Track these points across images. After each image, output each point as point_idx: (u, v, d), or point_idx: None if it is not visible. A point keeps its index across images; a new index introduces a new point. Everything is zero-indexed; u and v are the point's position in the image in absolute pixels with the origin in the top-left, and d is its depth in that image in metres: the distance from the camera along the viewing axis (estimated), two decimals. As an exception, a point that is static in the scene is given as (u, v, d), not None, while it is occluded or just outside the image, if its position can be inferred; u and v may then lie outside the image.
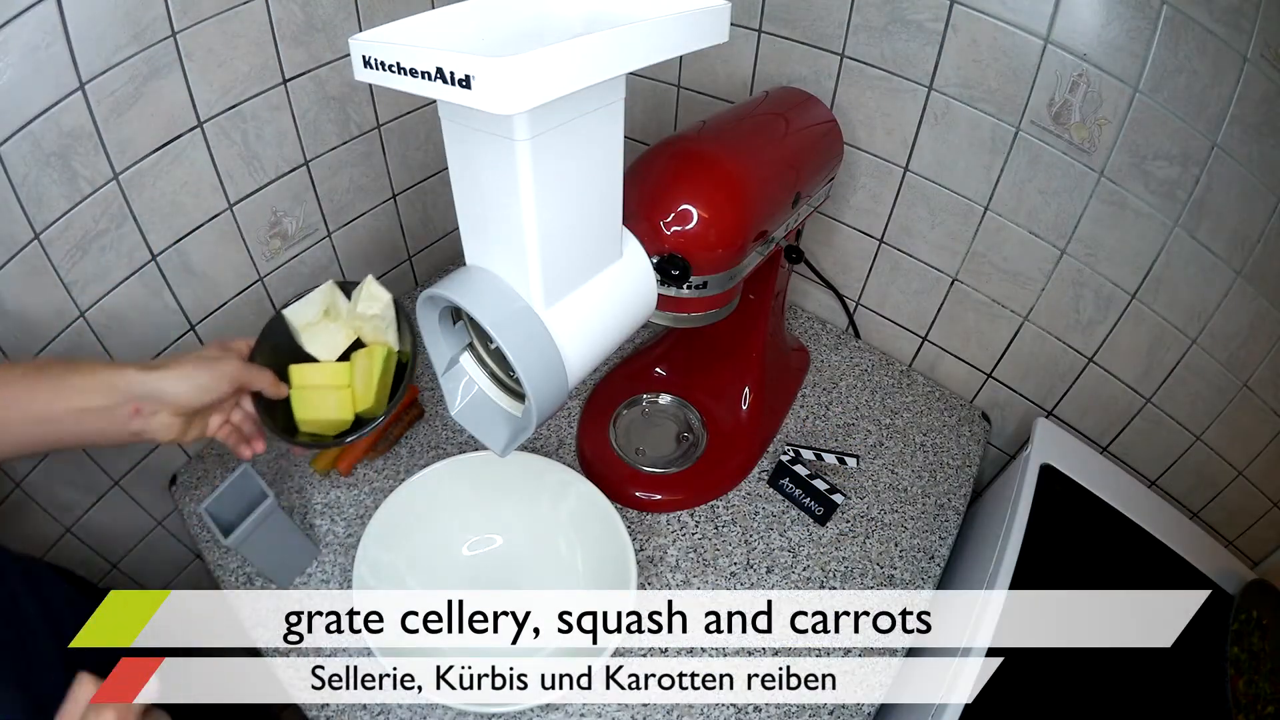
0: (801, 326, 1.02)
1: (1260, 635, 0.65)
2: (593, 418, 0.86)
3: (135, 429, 0.50)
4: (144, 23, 0.61)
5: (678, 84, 0.95)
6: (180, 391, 0.51)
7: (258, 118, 0.74)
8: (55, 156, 0.61)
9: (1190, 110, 0.63)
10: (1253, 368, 0.72)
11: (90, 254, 0.66)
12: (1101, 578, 0.72)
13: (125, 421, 0.50)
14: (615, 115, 0.43)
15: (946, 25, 0.71)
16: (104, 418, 0.49)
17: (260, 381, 0.56)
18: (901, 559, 0.77)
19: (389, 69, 0.36)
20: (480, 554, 0.74)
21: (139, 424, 0.50)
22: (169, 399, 0.51)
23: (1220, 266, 0.69)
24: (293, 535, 0.70)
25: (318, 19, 0.75)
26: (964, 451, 0.88)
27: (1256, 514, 0.79)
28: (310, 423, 0.59)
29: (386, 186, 0.93)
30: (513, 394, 0.54)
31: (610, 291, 0.50)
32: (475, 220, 0.46)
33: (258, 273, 0.83)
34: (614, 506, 0.70)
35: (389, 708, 0.64)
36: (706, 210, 0.57)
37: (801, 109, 0.72)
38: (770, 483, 0.83)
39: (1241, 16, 0.58)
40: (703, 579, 0.74)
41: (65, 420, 0.48)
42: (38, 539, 0.75)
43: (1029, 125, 0.71)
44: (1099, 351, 0.81)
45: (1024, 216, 0.77)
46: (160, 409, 0.51)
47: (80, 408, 0.48)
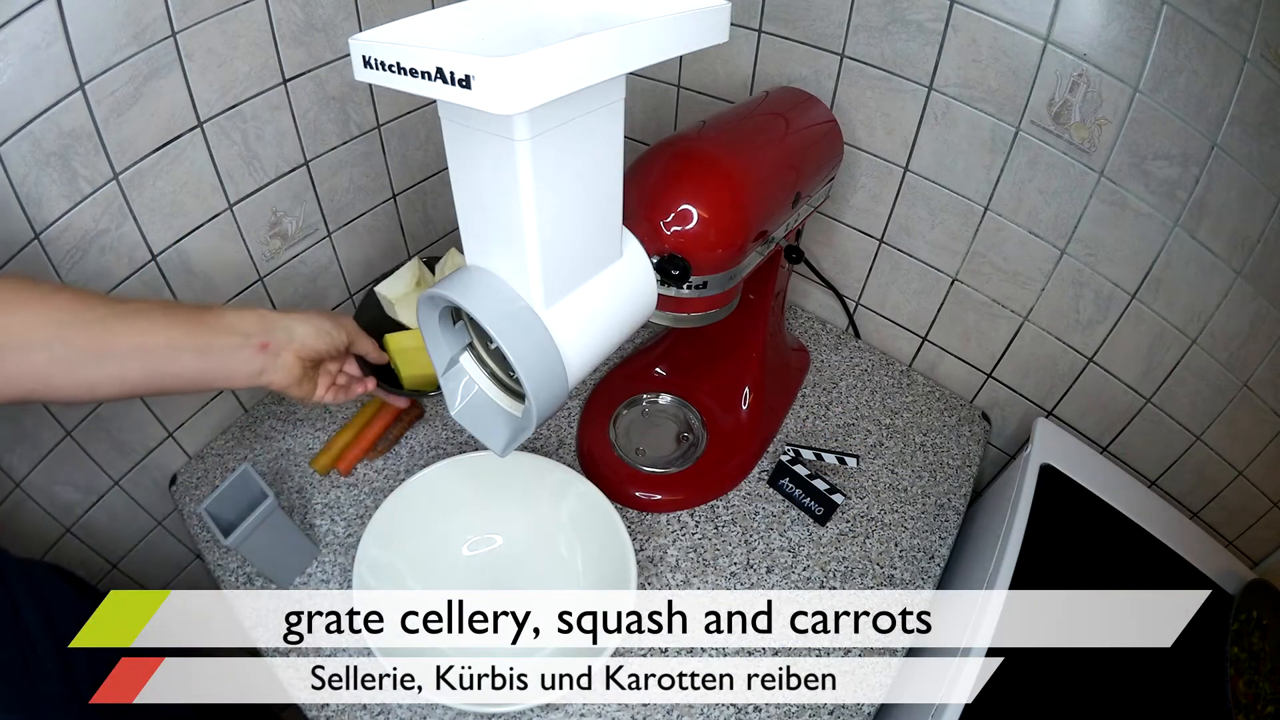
0: (801, 326, 1.02)
1: (1260, 635, 0.65)
2: (593, 418, 0.86)
3: (260, 366, 0.53)
4: (144, 23, 0.61)
5: (678, 84, 0.95)
6: (307, 332, 0.55)
7: (258, 118, 0.74)
8: (55, 156, 0.61)
9: (1190, 110, 0.63)
10: (1253, 368, 0.72)
11: (90, 254, 0.66)
12: (1101, 578, 0.72)
13: (251, 357, 0.52)
14: (615, 115, 0.43)
15: (946, 25, 0.71)
16: (232, 355, 0.52)
17: (366, 345, 0.63)
18: (901, 559, 0.77)
19: (389, 69, 0.36)
20: (480, 554, 0.74)
21: (264, 360, 0.53)
22: (297, 338, 0.55)
23: (1220, 266, 0.69)
24: (293, 535, 0.70)
25: (318, 19, 0.75)
26: (964, 451, 0.88)
27: (1256, 514, 0.79)
28: (413, 379, 0.69)
29: (386, 186, 0.93)
30: (513, 394, 0.54)
31: (610, 291, 0.50)
32: (475, 220, 0.46)
33: (258, 273, 0.83)
34: (614, 506, 0.70)
35: (389, 708, 0.64)
36: (706, 210, 0.57)
37: (801, 109, 0.72)
38: (770, 483, 0.83)
39: (1241, 16, 0.58)
40: (703, 579, 0.74)
41: (194, 357, 0.50)
42: (38, 539, 0.75)
43: (1029, 125, 0.71)
44: (1099, 351, 0.81)
45: (1024, 216, 0.77)
46: (285, 348, 0.54)
47: (211, 344, 0.51)
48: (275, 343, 0.53)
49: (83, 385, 0.47)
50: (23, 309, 0.45)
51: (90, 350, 0.46)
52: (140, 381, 0.49)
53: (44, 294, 0.46)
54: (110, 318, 0.47)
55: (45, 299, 0.46)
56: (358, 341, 0.62)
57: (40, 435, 0.71)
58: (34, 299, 0.46)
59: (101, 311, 0.47)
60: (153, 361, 0.49)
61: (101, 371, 0.47)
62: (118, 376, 0.48)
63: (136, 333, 0.48)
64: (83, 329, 0.46)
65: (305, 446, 0.84)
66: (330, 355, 0.59)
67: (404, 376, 0.70)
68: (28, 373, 0.45)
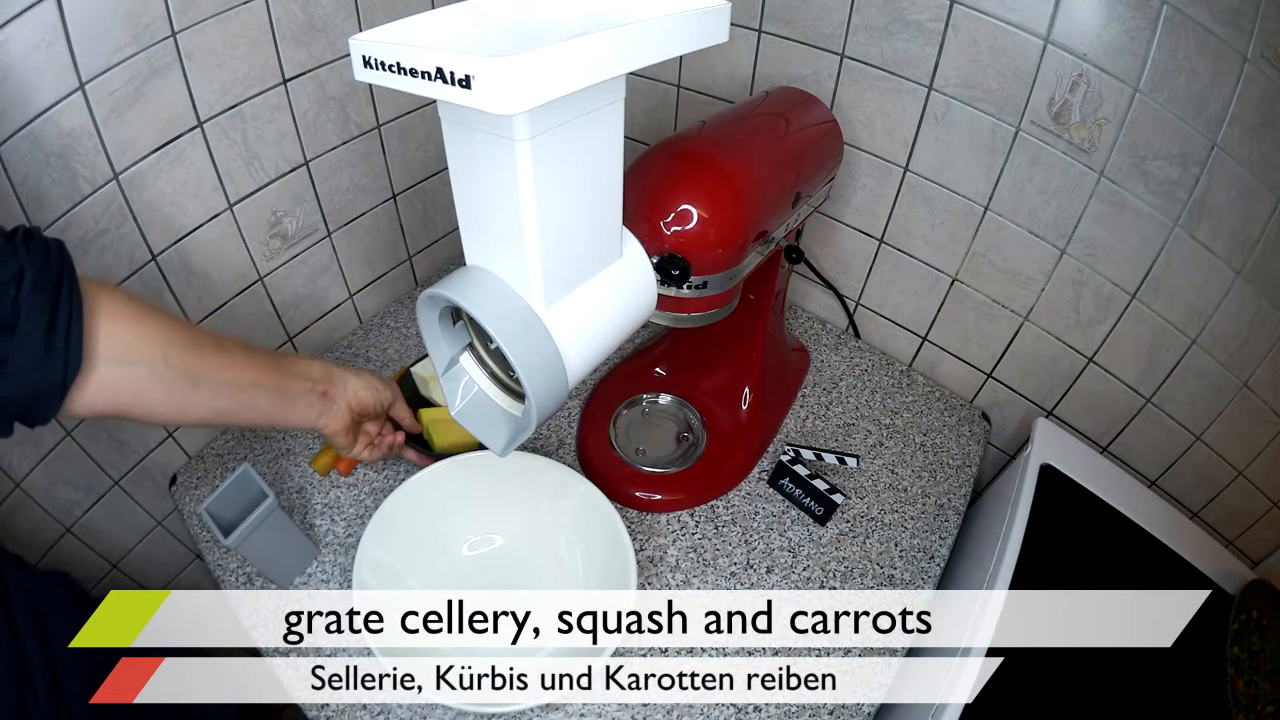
0: (801, 326, 1.02)
1: (1260, 635, 0.65)
2: (593, 418, 0.86)
3: (319, 410, 0.59)
4: (144, 23, 0.61)
5: (678, 84, 0.95)
6: (360, 386, 0.62)
7: (258, 118, 0.74)
8: (55, 156, 0.61)
9: (1190, 110, 0.63)
10: (1253, 368, 0.72)
11: (90, 254, 0.66)
12: (1101, 578, 0.72)
13: (315, 402, 0.58)
14: (615, 115, 0.43)
15: (946, 25, 0.71)
16: (302, 398, 0.57)
17: (403, 411, 0.69)
18: (901, 559, 0.77)
19: (389, 69, 0.36)
20: (480, 554, 0.74)
21: (323, 405, 0.59)
22: (351, 390, 0.61)
23: (1220, 266, 0.69)
24: (293, 535, 0.70)
25: (318, 19, 0.75)
26: (964, 451, 0.88)
27: (1256, 514, 0.79)
28: (444, 446, 0.77)
29: (386, 186, 0.93)
30: (513, 394, 0.54)
31: (610, 291, 0.50)
32: (475, 220, 0.46)
33: (258, 273, 0.83)
34: (614, 506, 0.70)
35: (389, 708, 0.64)
36: (706, 210, 0.57)
37: (801, 109, 0.72)
38: (770, 483, 0.83)
39: (1241, 16, 0.58)
40: (703, 579, 0.74)
41: (272, 392, 0.54)
42: (37, 539, 0.75)
43: (1029, 125, 0.71)
44: (1099, 351, 0.81)
45: (1024, 216, 0.77)
46: (341, 397, 0.60)
47: (287, 385, 0.56)
48: (334, 391, 0.59)
49: (175, 407, 0.48)
50: (133, 323, 0.45)
51: (189, 374, 0.48)
52: (224, 410, 0.52)
53: (148, 311, 0.47)
54: (205, 346, 0.49)
55: (150, 316, 0.47)
56: (398, 405, 0.68)
57: (40, 435, 0.71)
58: (142, 314, 0.46)
59: (196, 338, 0.49)
60: (237, 393, 0.51)
61: (194, 396, 0.48)
62: (207, 403, 0.50)
63: (226, 365, 0.50)
64: (182, 352, 0.47)
65: (305, 446, 0.84)
66: (375, 412, 0.65)
67: (436, 445, 0.78)
68: (128, 387, 0.45)
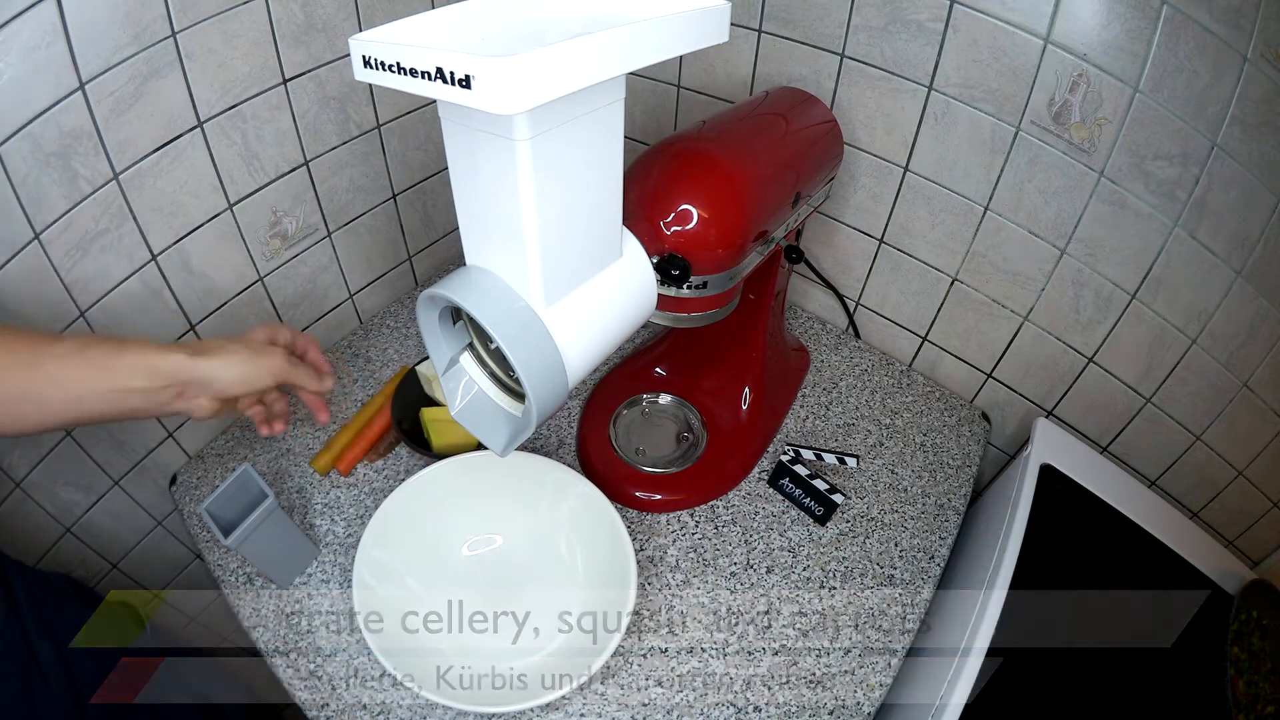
0: (801, 326, 1.02)
1: (1260, 635, 0.65)
2: (593, 418, 0.86)
3: (176, 409, 0.53)
4: (144, 23, 0.61)
5: (678, 84, 0.95)
6: (227, 379, 0.53)
7: (258, 118, 0.74)
8: (55, 156, 0.60)
9: (1190, 110, 0.63)
10: (1253, 368, 0.72)
11: (90, 254, 0.66)
12: (1101, 578, 0.72)
13: (168, 402, 0.52)
14: (615, 115, 0.43)
15: (946, 25, 0.71)
16: (148, 398, 0.51)
17: (301, 378, 0.57)
18: (901, 559, 0.77)
19: (389, 69, 0.36)
20: (480, 554, 0.74)
21: (180, 405, 0.52)
22: (215, 387, 0.52)
23: (1220, 266, 0.69)
24: (293, 535, 0.70)
25: (318, 19, 0.75)
26: (964, 451, 0.88)
27: (1256, 514, 0.79)
28: (443, 446, 0.79)
29: (386, 186, 0.93)
30: (513, 394, 0.54)
31: (610, 291, 0.50)
32: (475, 220, 0.46)
33: (258, 273, 0.83)
34: (614, 506, 0.70)
35: (389, 708, 0.64)
36: (706, 210, 0.57)
37: (801, 109, 0.72)
38: (770, 483, 0.83)
39: (1241, 16, 0.58)
40: (703, 579, 0.74)
41: (108, 398, 0.49)
42: (38, 539, 0.75)
43: (1029, 125, 0.71)
44: (1099, 351, 0.81)
45: (1024, 216, 0.77)
46: (203, 393, 0.53)
47: (125, 388, 0.49)
48: (191, 390, 0.52)
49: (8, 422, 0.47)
50: None
51: (16, 392, 0.46)
52: (62, 421, 0.50)
53: None
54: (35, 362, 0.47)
55: None
56: (292, 378, 0.57)
57: (40, 435, 0.71)
58: None
59: (25, 356, 0.47)
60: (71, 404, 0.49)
61: (21, 410, 0.47)
62: (35, 419, 0.48)
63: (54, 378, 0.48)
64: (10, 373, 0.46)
65: (305, 446, 0.84)
66: (254, 399, 0.58)
67: (435, 445, 0.80)
68: None
